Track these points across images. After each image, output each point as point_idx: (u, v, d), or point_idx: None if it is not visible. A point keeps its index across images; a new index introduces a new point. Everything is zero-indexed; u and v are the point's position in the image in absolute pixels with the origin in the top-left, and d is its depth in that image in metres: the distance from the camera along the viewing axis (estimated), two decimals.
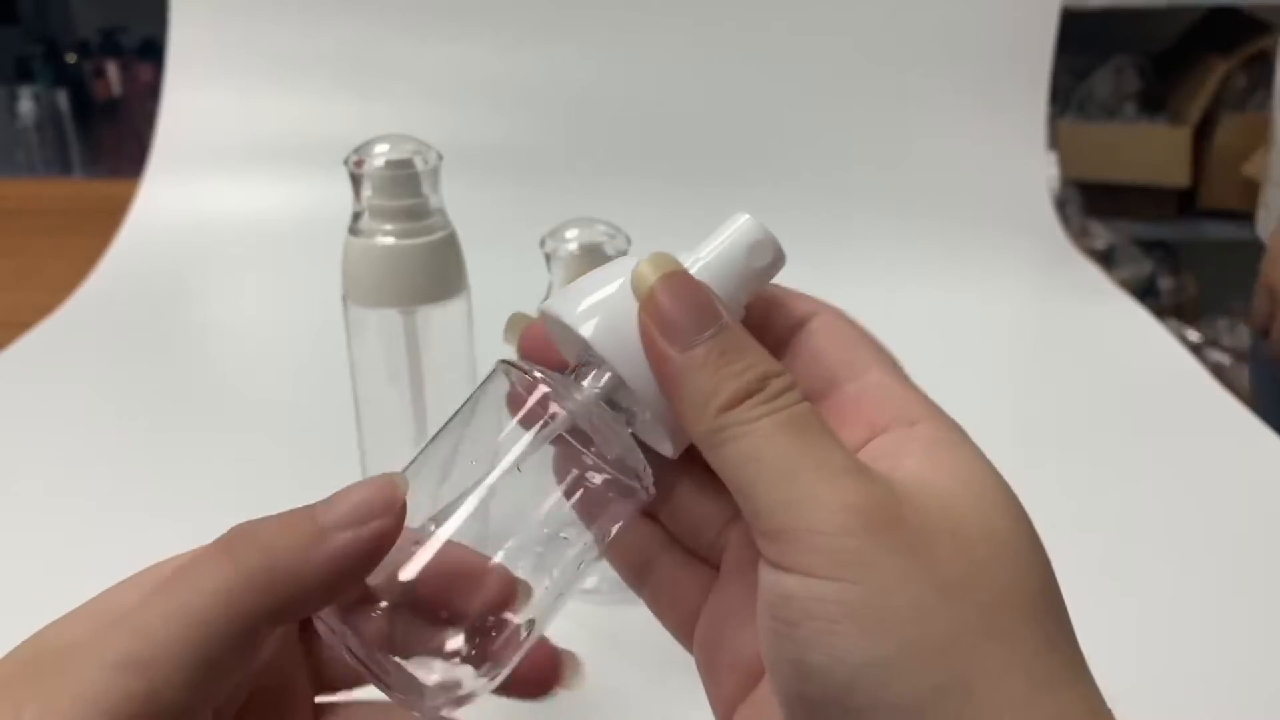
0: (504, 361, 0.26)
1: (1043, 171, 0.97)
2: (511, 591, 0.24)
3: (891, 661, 0.20)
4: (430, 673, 0.23)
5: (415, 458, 0.25)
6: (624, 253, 0.46)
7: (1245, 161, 1.62)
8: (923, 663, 0.20)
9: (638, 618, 0.51)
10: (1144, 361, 0.78)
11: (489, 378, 0.26)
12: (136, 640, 0.21)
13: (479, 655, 0.24)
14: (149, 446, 0.65)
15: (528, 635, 0.25)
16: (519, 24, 0.97)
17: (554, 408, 0.24)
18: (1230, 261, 1.74)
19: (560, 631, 0.52)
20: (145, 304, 0.86)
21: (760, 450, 0.22)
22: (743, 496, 0.22)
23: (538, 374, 0.25)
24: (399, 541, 0.23)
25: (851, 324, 0.26)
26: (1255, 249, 1.08)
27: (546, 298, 0.47)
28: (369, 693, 0.26)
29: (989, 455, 0.24)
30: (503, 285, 0.56)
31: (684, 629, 0.28)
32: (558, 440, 0.25)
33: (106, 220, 0.95)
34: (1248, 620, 0.51)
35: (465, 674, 0.24)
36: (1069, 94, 1.75)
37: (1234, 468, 0.64)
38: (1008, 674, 0.20)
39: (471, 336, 0.51)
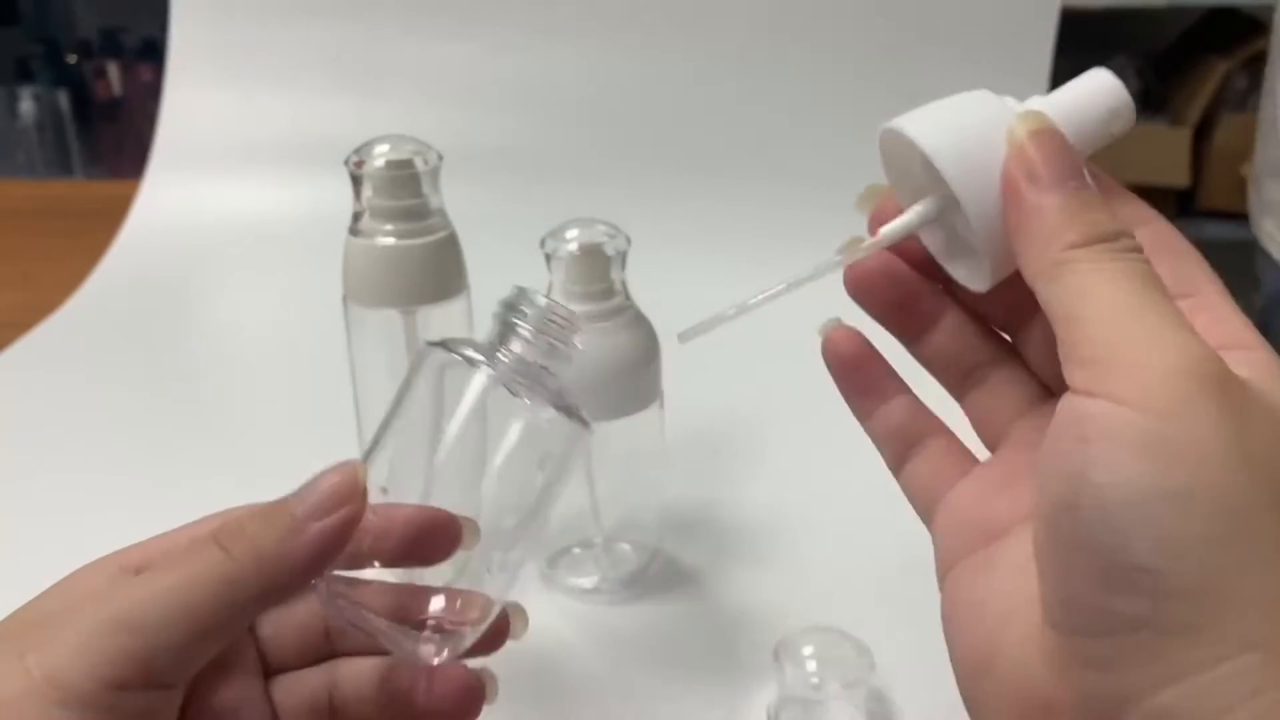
0: (431, 343, 0.28)
1: None
2: (468, 530, 0.27)
3: (1175, 498, 0.20)
4: (419, 628, 0.27)
5: (371, 446, 0.28)
6: (624, 253, 0.46)
7: (1245, 162, 1.62)
8: (1204, 511, 0.20)
9: (638, 618, 0.51)
10: None
11: (421, 358, 0.28)
12: (135, 606, 0.23)
13: (461, 602, 0.27)
14: (149, 446, 0.65)
15: (500, 570, 0.28)
16: (519, 24, 0.97)
17: (484, 375, 0.27)
18: (1230, 261, 1.74)
19: (561, 631, 0.52)
20: (145, 304, 0.86)
21: (1100, 286, 0.22)
22: (1069, 324, 0.22)
23: (468, 353, 0.27)
24: (376, 515, 0.26)
25: (1181, 238, 0.26)
26: (1255, 249, 1.08)
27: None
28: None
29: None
30: (503, 285, 0.56)
31: (929, 497, 0.29)
32: (497, 399, 0.27)
33: (107, 221, 0.95)
34: None
35: (453, 621, 0.27)
36: None
37: None
38: (1278, 550, 0.20)
39: (472, 336, 0.51)
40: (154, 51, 1.79)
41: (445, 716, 0.28)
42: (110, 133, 1.87)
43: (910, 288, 0.29)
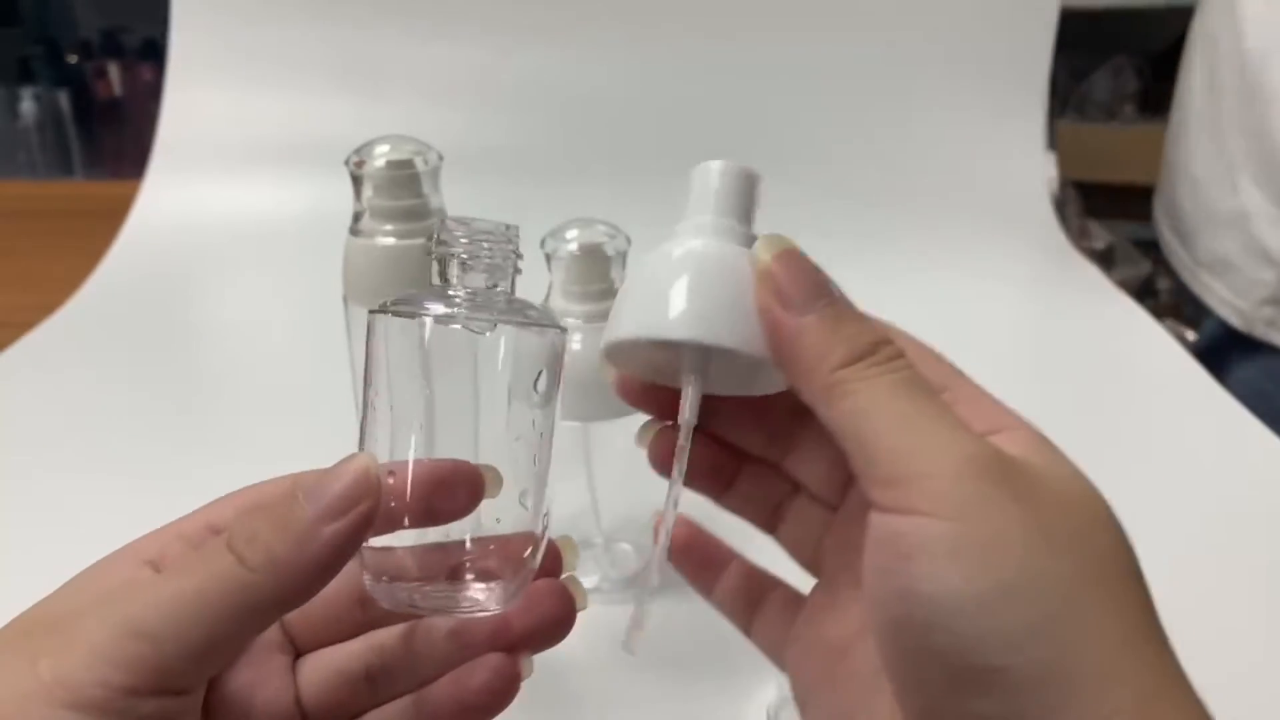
0: (374, 311, 0.27)
1: (1042, 172, 0.97)
2: (490, 479, 0.27)
3: (995, 595, 0.21)
4: (473, 576, 0.27)
5: (362, 431, 0.27)
6: (624, 253, 0.46)
7: None
8: (1028, 602, 0.21)
9: None
10: (1142, 361, 0.78)
11: (372, 330, 0.27)
12: (149, 611, 0.23)
13: (501, 544, 0.27)
14: (149, 446, 0.65)
15: (530, 505, 0.27)
16: (520, 24, 0.97)
17: (437, 325, 0.26)
18: None
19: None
20: (145, 304, 0.86)
21: (876, 404, 0.23)
22: (857, 445, 0.23)
23: (414, 308, 0.27)
24: (395, 478, 0.25)
25: (920, 341, 0.27)
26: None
27: (547, 298, 0.47)
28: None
29: None
30: None
31: (813, 566, 0.29)
32: (458, 341, 0.27)
33: (107, 220, 0.95)
34: (1248, 620, 0.52)
35: (501, 564, 0.27)
36: (1068, 95, 1.75)
37: (1233, 467, 0.64)
38: (1106, 619, 0.21)
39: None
40: (154, 51, 1.78)
41: (546, 629, 0.28)
42: (110, 133, 1.87)
43: (713, 459, 0.30)
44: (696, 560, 0.31)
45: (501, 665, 0.28)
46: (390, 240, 0.47)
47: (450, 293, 0.27)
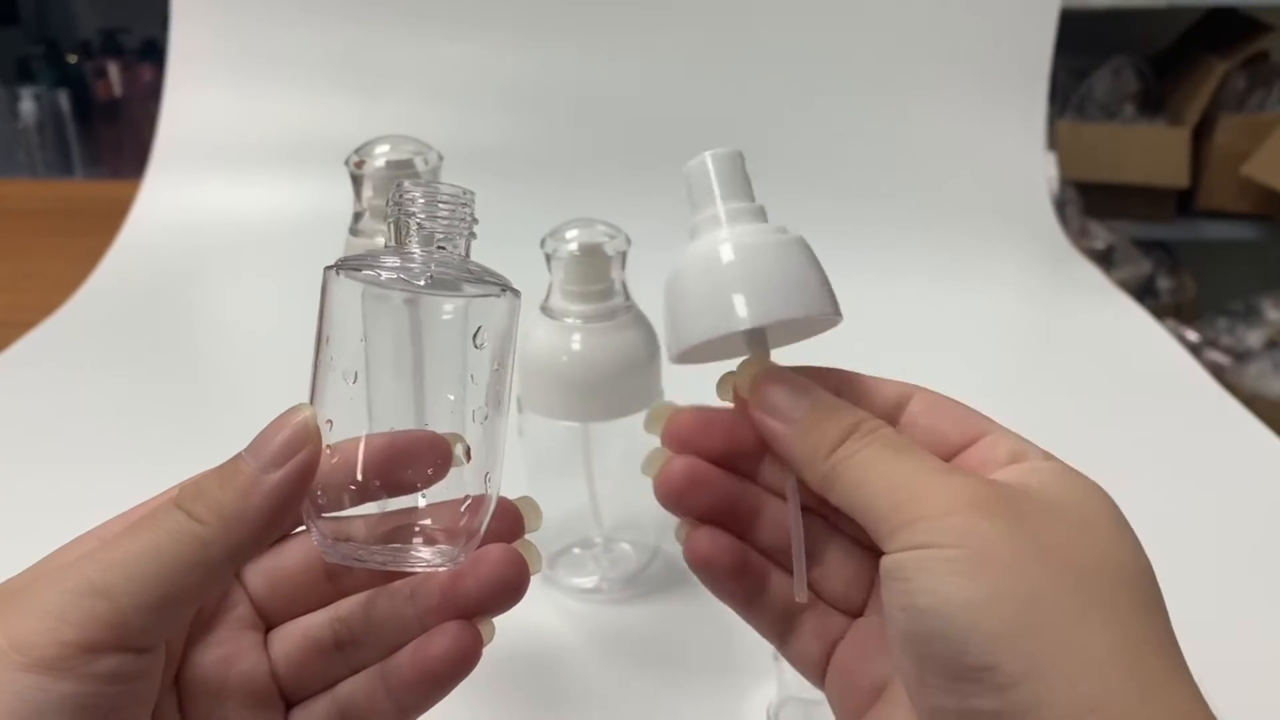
0: (329, 267, 0.27)
1: (1042, 172, 0.97)
2: (442, 442, 0.27)
3: (982, 599, 0.23)
4: (420, 539, 0.27)
5: (312, 387, 0.27)
6: (623, 253, 0.46)
7: (1245, 162, 1.62)
8: (1008, 602, 0.23)
9: (638, 618, 0.51)
10: (1143, 361, 0.78)
11: (325, 287, 0.27)
12: (104, 571, 0.23)
13: (451, 505, 0.27)
14: (149, 445, 0.65)
15: (473, 469, 0.27)
16: (519, 24, 0.97)
17: (375, 287, 0.27)
18: (1229, 262, 1.74)
19: (561, 631, 0.52)
20: (145, 304, 0.86)
21: (868, 471, 0.26)
22: (863, 513, 0.26)
23: (370, 272, 0.27)
24: (344, 453, 0.26)
25: (945, 397, 0.29)
26: (1254, 249, 1.08)
27: (547, 298, 0.47)
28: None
29: None
30: None
31: (819, 666, 0.31)
32: (421, 300, 0.27)
33: (107, 220, 0.95)
34: (1248, 620, 0.52)
35: (451, 526, 0.27)
36: (1068, 94, 1.75)
37: (1233, 468, 0.64)
38: (1093, 622, 0.23)
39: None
40: (154, 51, 1.78)
41: (497, 593, 0.28)
42: (110, 133, 1.87)
43: (725, 490, 0.30)
44: (738, 588, 0.30)
45: (460, 632, 0.28)
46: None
47: (404, 254, 0.27)
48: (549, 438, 0.50)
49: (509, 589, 0.28)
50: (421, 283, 0.26)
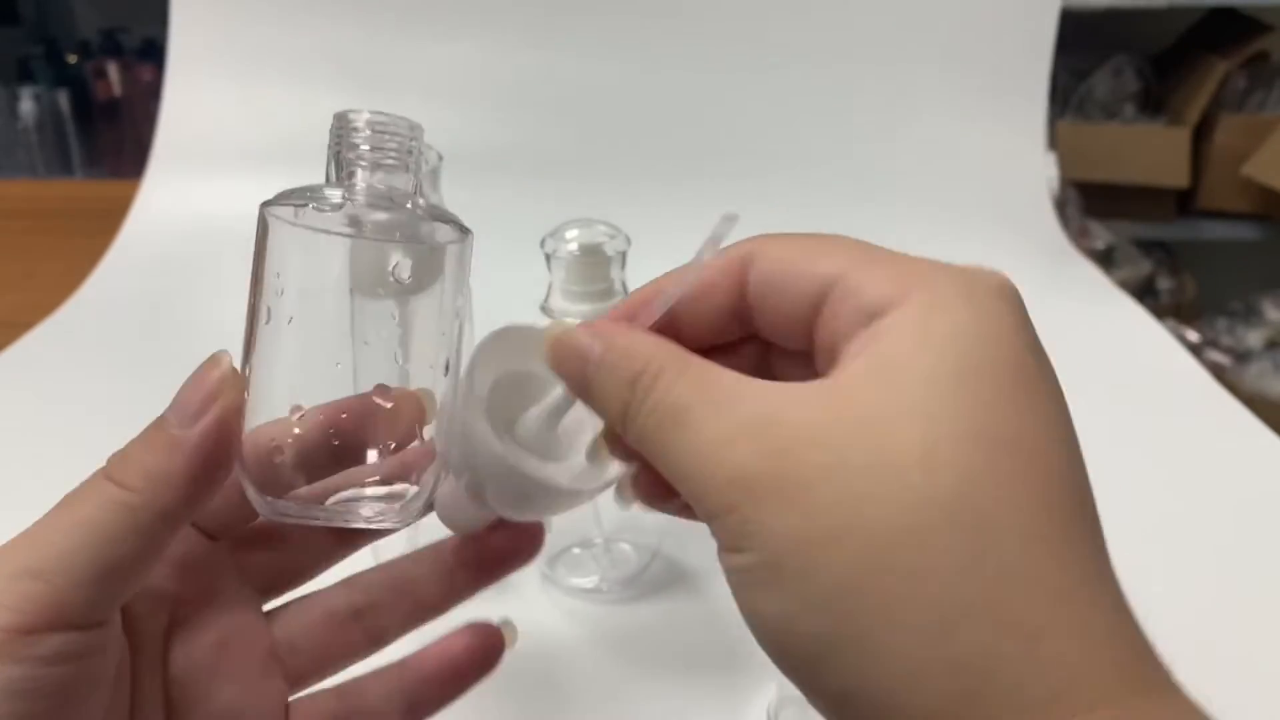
0: (265, 203, 0.26)
1: (1042, 172, 0.97)
2: (431, 404, 0.26)
3: (792, 614, 0.20)
4: (365, 495, 0.26)
5: (247, 337, 0.26)
6: (623, 253, 0.46)
7: (1245, 162, 1.62)
8: (815, 615, 0.20)
9: (638, 618, 0.51)
10: (1143, 362, 0.78)
11: (262, 230, 0.26)
12: (33, 552, 0.23)
13: (401, 450, 0.26)
14: None
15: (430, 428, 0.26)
16: (519, 24, 0.97)
17: (331, 236, 0.25)
18: (1230, 262, 1.74)
19: (561, 631, 0.52)
20: (145, 304, 0.86)
21: (658, 453, 0.22)
22: (679, 483, 0.22)
23: (314, 220, 0.25)
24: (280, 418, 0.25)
25: (787, 242, 0.24)
26: (1254, 249, 1.08)
27: (547, 298, 0.47)
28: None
29: None
30: (503, 285, 0.56)
31: None
32: (363, 246, 0.25)
33: (107, 220, 0.95)
34: (1248, 620, 0.52)
35: (403, 471, 0.26)
36: (1068, 94, 1.75)
37: (1233, 468, 0.64)
38: (906, 612, 0.19)
39: (472, 336, 0.51)
40: (154, 51, 1.78)
41: (521, 545, 0.29)
42: (110, 133, 1.87)
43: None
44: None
45: (486, 629, 0.28)
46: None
47: (346, 197, 0.25)
48: None
49: (534, 539, 0.29)
50: (367, 226, 0.25)
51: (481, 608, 0.29)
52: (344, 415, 0.26)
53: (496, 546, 0.29)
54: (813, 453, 0.20)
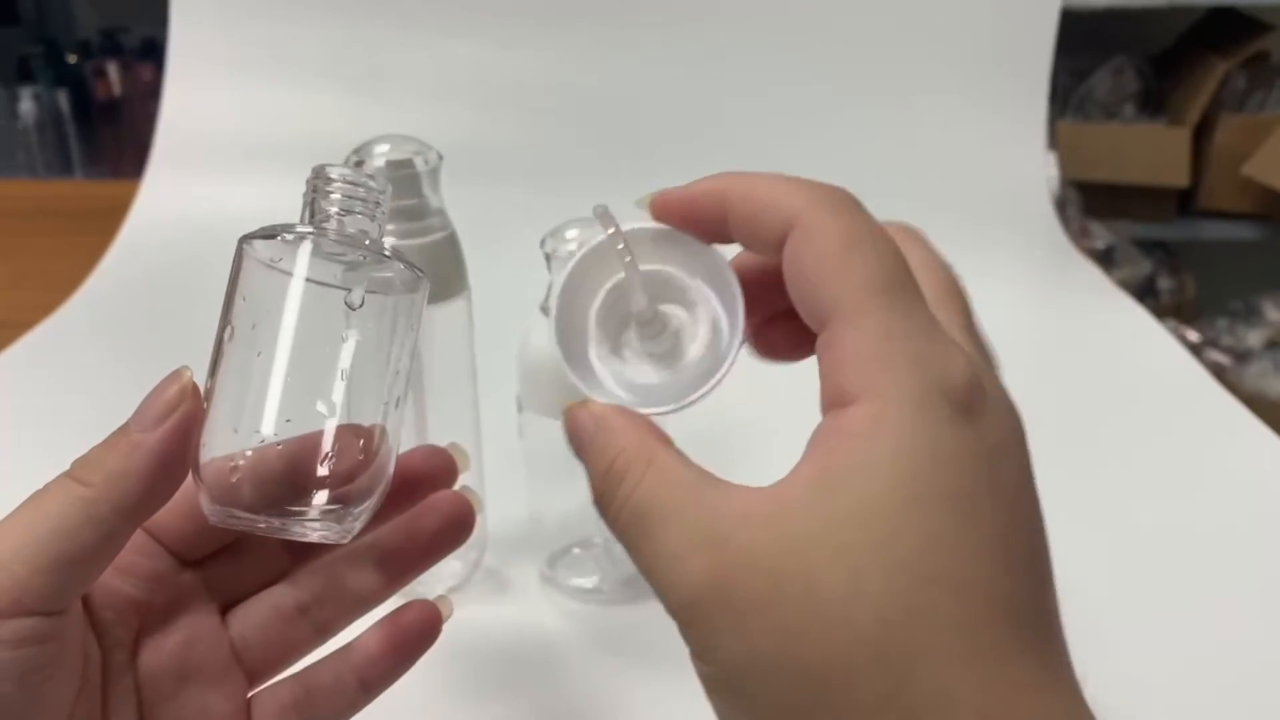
0: (245, 239, 0.28)
1: (1042, 172, 0.97)
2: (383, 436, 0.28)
3: (755, 666, 0.22)
4: (313, 510, 0.27)
5: (213, 363, 0.29)
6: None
7: (1245, 162, 1.62)
8: (775, 673, 0.21)
9: (638, 618, 0.51)
10: (1143, 362, 0.78)
11: (239, 261, 0.29)
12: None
13: (346, 473, 0.27)
14: None
15: (376, 443, 0.28)
16: (519, 24, 0.97)
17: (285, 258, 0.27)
18: (1230, 262, 1.74)
19: (561, 631, 0.52)
20: (145, 304, 0.86)
21: (630, 550, 0.25)
22: None
23: (288, 235, 0.27)
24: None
25: (831, 229, 0.25)
26: (1254, 249, 1.08)
27: (547, 298, 0.47)
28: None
29: None
30: (503, 285, 0.56)
31: None
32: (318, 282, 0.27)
33: (107, 220, 0.95)
34: (1248, 620, 0.51)
35: (346, 493, 0.28)
36: (1068, 94, 1.75)
37: (1234, 468, 0.64)
38: None
39: (472, 337, 0.51)
40: (154, 51, 1.78)
41: (446, 534, 0.31)
42: (110, 133, 1.87)
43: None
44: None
45: (425, 606, 0.30)
46: (390, 240, 0.47)
47: (319, 232, 0.28)
48: (549, 438, 0.50)
49: (461, 525, 0.31)
50: (339, 268, 0.27)
51: (482, 608, 0.29)
52: (302, 444, 0.27)
53: (425, 530, 0.31)
54: (754, 579, 0.21)
